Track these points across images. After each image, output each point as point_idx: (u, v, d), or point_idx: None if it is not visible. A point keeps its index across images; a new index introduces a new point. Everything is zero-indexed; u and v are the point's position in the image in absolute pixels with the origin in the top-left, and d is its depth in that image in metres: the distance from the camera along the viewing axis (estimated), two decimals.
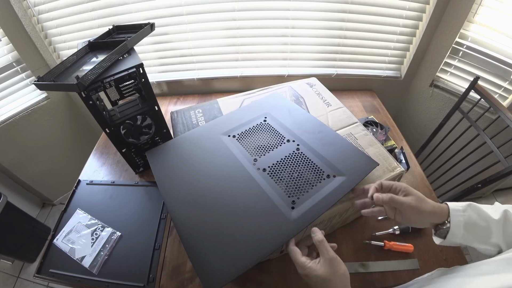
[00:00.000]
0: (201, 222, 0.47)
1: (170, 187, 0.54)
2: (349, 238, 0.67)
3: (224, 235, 0.45)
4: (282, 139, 0.59)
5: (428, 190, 0.78)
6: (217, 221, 0.47)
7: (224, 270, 0.41)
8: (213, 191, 0.51)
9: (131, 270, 0.63)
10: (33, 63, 1.15)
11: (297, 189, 0.49)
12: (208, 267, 0.41)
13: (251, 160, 0.55)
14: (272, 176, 0.52)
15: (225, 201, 0.49)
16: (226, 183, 0.52)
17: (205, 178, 0.54)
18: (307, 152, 0.56)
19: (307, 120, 0.65)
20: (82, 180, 0.83)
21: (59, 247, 0.67)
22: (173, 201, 0.51)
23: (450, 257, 0.64)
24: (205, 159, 0.58)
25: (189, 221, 0.48)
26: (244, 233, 0.44)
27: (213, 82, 1.21)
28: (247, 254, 0.42)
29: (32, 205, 1.54)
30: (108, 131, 0.66)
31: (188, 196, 0.51)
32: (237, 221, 0.46)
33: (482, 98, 0.93)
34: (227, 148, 0.59)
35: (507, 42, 0.92)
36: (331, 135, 0.60)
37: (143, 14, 1.01)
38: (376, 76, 1.19)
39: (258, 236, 0.44)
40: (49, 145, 1.36)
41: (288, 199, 0.47)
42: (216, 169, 0.55)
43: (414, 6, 0.98)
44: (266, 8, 1.00)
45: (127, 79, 0.62)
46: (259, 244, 0.43)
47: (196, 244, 0.44)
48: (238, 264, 0.41)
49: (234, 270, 0.40)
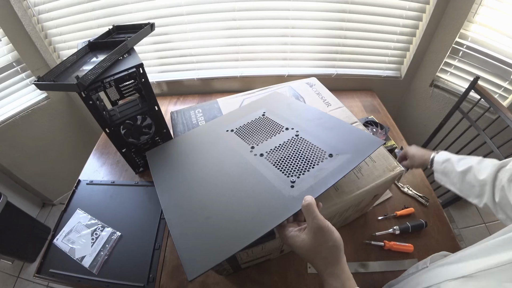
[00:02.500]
0: (192, 210, 0.46)
1: (164, 181, 0.53)
2: (349, 238, 0.67)
3: (216, 220, 0.43)
4: (280, 128, 0.58)
5: (428, 190, 0.78)
6: (209, 207, 0.45)
7: (211, 253, 0.39)
8: (208, 180, 0.51)
9: (131, 270, 0.63)
10: (33, 63, 1.15)
11: (297, 169, 0.47)
12: (193, 252, 0.39)
13: (248, 148, 0.54)
14: (270, 160, 0.50)
15: (220, 187, 0.49)
16: (222, 172, 0.51)
17: (201, 169, 0.53)
18: (307, 137, 0.54)
19: (307, 110, 0.64)
20: (82, 180, 0.83)
21: (59, 247, 0.67)
22: (165, 194, 0.50)
23: None
24: (202, 153, 0.58)
25: (178, 209, 0.46)
26: (239, 216, 0.43)
27: (213, 82, 1.21)
28: (241, 235, 0.40)
29: (32, 205, 1.54)
30: (108, 131, 0.66)
31: (181, 186, 0.51)
32: (232, 205, 0.45)
33: (482, 98, 0.93)
34: (224, 141, 0.58)
35: (507, 42, 0.92)
36: (332, 120, 0.58)
37: (143, 14, 1.01)
38: (376, 76, 1.19)
39: (257, 217, 0.42)
40: (49, 145, 1.37)
41: (287, 179, 0.46)
42: (212, 160, 0.55)
43: (414, 6, 0.98)
44: (266, 8, 1.00)
45: (127, 79, 0.62)
46: (258, 224, 0.40)
47: (183, 230, 0.43)
48: (229, 247, 0.39)
49: (223, 253, 0.38)
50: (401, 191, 0.78)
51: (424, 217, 0.71)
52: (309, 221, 0.35)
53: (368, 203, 0.65)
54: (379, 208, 0.74)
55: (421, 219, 0.69)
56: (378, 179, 0.53)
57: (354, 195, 0.51)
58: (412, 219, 0.71)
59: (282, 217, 0.40)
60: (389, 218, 0.71)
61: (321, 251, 0.34)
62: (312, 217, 0.35)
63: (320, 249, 0.34)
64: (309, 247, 0.34)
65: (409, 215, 0.72)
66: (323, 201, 0.50)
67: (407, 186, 0.78)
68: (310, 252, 0.35)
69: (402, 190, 0.77)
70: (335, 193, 0.52)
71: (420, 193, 0.76)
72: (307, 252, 0.35)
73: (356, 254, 0.64)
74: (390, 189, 0.78)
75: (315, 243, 0.34)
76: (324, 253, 0.34)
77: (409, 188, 0.78)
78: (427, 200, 0.75)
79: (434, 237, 0.68)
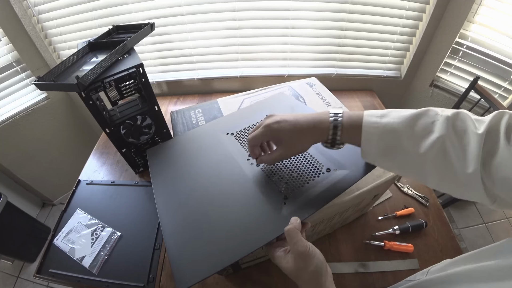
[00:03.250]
0: (185, 217, 0.45)
1: (161, 183, 0.53)
2: (349, 238, 0.67)
3: (207, 231, 0.42)
4: None
5: (428, 190, 0.78)
6: (201, 217, 0.45)
7: (200, 266, 0.39)
8: (202, 187, 0.50)
9: (131, 270, 0.63)
10: (33, 63, 1.15)
11: (291, 184, 0.46)
12: (185, 262, 0.39)
13: (245, 156, 0.54)
14: (266, 171, 0.49)
15: (212, 196, 0.48)
16: (217, 179, 0.51)
17: (197, 174, 0.53)
18: None
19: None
20: (82, 180, 0.83)
21: (59, 247, 0.67)
22: (161, 197, 0.50)
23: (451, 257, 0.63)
24: (200, 157, 0.58)
25: (172, 216, 0.46)
26: (229, 230, 0.42)
27: (213, 82, 1.21)
28: (229, 251, 0.39)
29: (32, 205, 1.54)
30: (108, 131, 0.66)
31: (176, 192, 0.51)
32: (223, 218, 0.44)
33: (482, 98, 0.93)
34: (223, 145, 0.58)
35: (507, 42, 0.92)
36: None
37: (143, 14, 1.01)
38: (376, 76, 1.19)
39: (246, 233, 0.41)
40: (49, 145, 1.37)
41: (280, 194, 0.45)
42: (208, 166, 0.54)
43: (414, 6, 0.98)
44: (266, 8, 1.00)
45: (127, 79, 0.62)
46: (244, 241, 0.40)
47: (176, 239, 0.43)
48: (216, 262, 0.39)
49: (211, 267, 0.38)
50: (401, 191, 0.78)
51: (424, 217, 0.71)
52: (290, 246, 0.35)
53: (368, 203, 0.65)
54: (379, 208, 0.74)
55: (421, 219, 0.69)
56: (378, 179, 0.53)
57: (354, 195, 0.51)
58: (412, 219, 0.71)
59: (270, 237, 0.39)
60: (389, 218, 0.71)
61: (303, 275, 0.34)
62: (293, 242, 0.34)
63: (301, 273, 0.34)
64: (292, 270, 0.35)
65: (409, 215, 0.72)
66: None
67: (407, 186, 0.78)
68: (293, 275, 0.35)
69: (402, 190, 0.77)
70: None
71: (420, 193, 0.76)
72: (290, 274, 0.35)
73: (356, 254, 0.64)
74: (390, 189, 0.78)
75: (296, 267, 0.34)
76: (306, 277, 0.34)
77: (409, 188, 0.78)
78: (427, 200, 0.75)
79: (434, 237, 0.68)
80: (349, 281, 0.60)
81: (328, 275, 0.35)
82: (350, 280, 0.61)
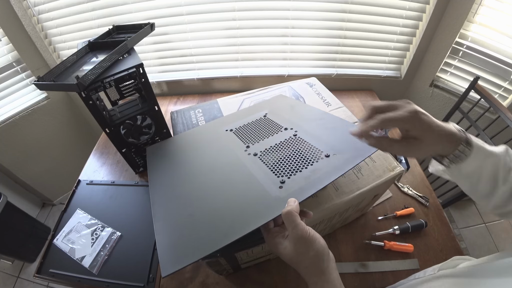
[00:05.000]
0: (178, 207, 0.45)
1: (157, 178, 0.53)
2: (349, 238, 0.67)
3: (199, 217, 0.42)
4: (279, 128, 0.58)
5: (428, 190, 0.78)
6: (194, 203, 0.45)
7: (191, 251, 0.37)
8: (197, 175, 0.51)
9: (131, 270, 0.63)
10: (33, 63, 1.15)
11: (288, 169, 0.46)
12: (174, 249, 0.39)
13: (243, 147, 0.54)
14: (263, 159, 0.49)
15: (207, 183, 0.48)
16: (213, 170, 0.51)
17: (194, 167, 0.53)
18: (305, 136, 0.53)
19: (309, 111, 0.63)
20: (82, 180, 0.83)
21: (59, 247, 0.67)
22: (155, 189, 0.50)
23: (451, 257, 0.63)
24: (198, 151, 0.58)
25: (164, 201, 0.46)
26: (224, 214, 0.41)
27: (213, 82, 1.21)
28: (222, 234, 0.38)
29: (32, 205, 1.54)
30: (108, 131, 0.66)
31: (171, 180, 0.51)
32: (217, 203, 0.44)
33: (482, 98, 0.93)
34: (221, 140, 0.58)
35: (507, 42, 0.92)
36: (334, 120, 0.57)
37: (143, 14, 1.01)
38: (376, 76, 1.19)
39: (239, 217, 0.40)
40: (49, 145, 1.37)
41: (276, 179, 0.45)
42: (206, 159, 0.55)
43: (414, 6, 0.98)
44: (266, 8, 1.00)
45: (127, 79, 0.62)
46: (239, 224, 0.39)
47: (166, 225, 0.42)
48: (207, 246, 0.37)
49: (202, 251, 0.37)
50: (401, 191, 0.78)
51: (424, 217, 0.71)
52: (289, 230, 0.34)
53: (368, 203, 0.65)
54: (379, 208, 0.74)
55: (421, 219, 0.69)
56: (378, 179, 0.53)
57: (354, 195, 0.51)
58: (412, 219, 0.71)
59: (264, 219, 0.38)
60: (389, 218, 0.71)
61: (303, 260, 0.32)
62: (292, 226, 0.33)
63: (301, 258, 0.32)
64: (291, 255, 0.33)
65: (409, 215, 0.72)
66: (323, 201, 0.50)
67: (407, 186, 0.78)
68: (293, 261, 0.33)
69: (402, 190, 0.77)
70: (335, 193, 0.52)
71: (420, 193, 0.76)
72: (290, 260, 0.34)
73: (356, 254, 0.64)
74: (390, 189, 0.78)
75: (296, 252, 0.33)
76: (306, 263, 0.32)
77: (409, 188, 0.78)
78: (427, 200, 0.75)
79: (434, 237, 0.68)
80: (349, 281, 0.60)
81: (330, 260, 0.33)
82: (350, 280, 0.61)
